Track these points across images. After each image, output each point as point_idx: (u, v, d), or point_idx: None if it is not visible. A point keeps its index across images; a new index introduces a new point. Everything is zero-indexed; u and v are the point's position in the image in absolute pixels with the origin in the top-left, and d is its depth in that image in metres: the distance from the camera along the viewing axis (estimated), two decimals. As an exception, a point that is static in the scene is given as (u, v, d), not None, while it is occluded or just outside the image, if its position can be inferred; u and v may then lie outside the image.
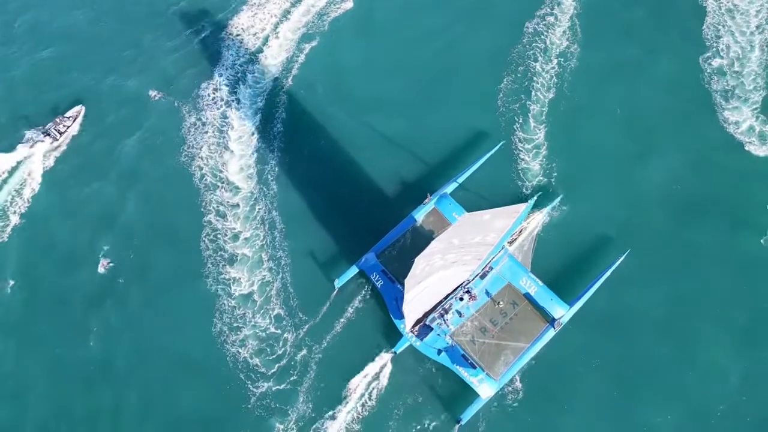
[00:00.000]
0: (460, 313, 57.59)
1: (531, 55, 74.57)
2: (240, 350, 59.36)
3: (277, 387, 57.59)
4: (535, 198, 55.49)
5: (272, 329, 60.31)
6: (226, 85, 76.21)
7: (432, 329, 56.71)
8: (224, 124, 73.32)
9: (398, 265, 58.84)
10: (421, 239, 59.61)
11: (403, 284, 52.03)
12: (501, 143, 67.94)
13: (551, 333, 56.34)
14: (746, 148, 67.01)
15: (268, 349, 59.30)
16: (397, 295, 57.15)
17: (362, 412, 56.10)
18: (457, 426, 54.44)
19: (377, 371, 56.95)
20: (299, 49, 79.04)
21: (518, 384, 56.18)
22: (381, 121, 71.54)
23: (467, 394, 55.06)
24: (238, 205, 67.73)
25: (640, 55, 74.25)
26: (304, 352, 58.97)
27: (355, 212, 65.97)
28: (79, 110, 75.02)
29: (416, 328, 57.07)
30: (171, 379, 58.98)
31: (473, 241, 52.58)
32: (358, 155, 69.76)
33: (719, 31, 74.44)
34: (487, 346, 56.37)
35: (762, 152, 66.65)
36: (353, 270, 60.93)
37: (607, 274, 58.58)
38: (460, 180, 64.77)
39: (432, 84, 74.07)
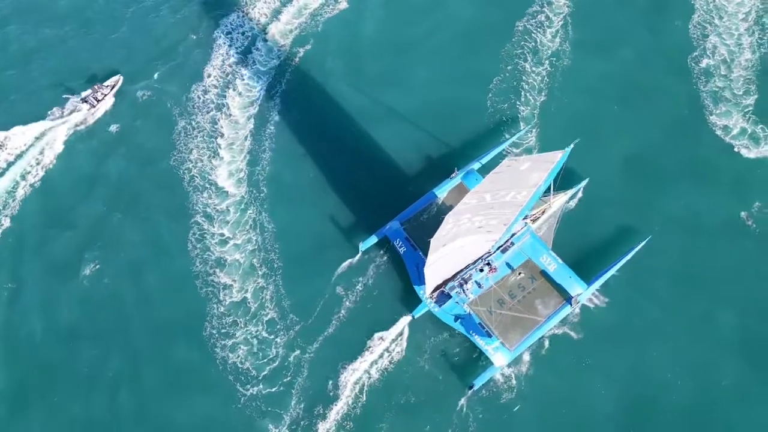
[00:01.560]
0: (479, 284, 59.27)
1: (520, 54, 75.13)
2: (230, 354, 59.20)
3: (269, 390, 57.63)
4: (572, 146, 54.50)
5: (265, 334, 60.19)
6: (215, 86, 75.53)
7: (450, 297, 58.36)
8: (214, 131, 72.74)
9: (421, 234, 60.19)
10: (444, 213, 59.79)
11: (424, 252, 54.15)
12: (529, 126, 68.66)
13: (568, 309, 57.64)
14: (736, 150, 67.29)
15: (260, 354, 59.20)
16: (419, 262, 58.93)
17: (382, 367, 57.64)
18: (469, 391, 55.97)
19: (396, 336, 58.57)
20: (292, 53, 78.49)
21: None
22: (375, 121, 71.72)
23: (480, 361, 57.03)
24: (228, 210, 67.34)
25: (631, 56, 74.43)
26: (297, 352, 59.17)
27: (348, 207, 66.25)
28: (117, 79, 76.03)
29: (435, 294, 58.52)
30: (161, 380, 58.77)
31: (505, 199, 53.20)
32: (349, 153, 69.87)
33: (706, 29, 74.70)
34: (504, 317, 57.81)
35: (753, 155, 66.98)
36: (378, 236, 62.51)
37: (628, 257, 59.97)
38: (484, 161, 65.66)
39: (430, 80, 74.54)
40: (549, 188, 59.10)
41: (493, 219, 55.45)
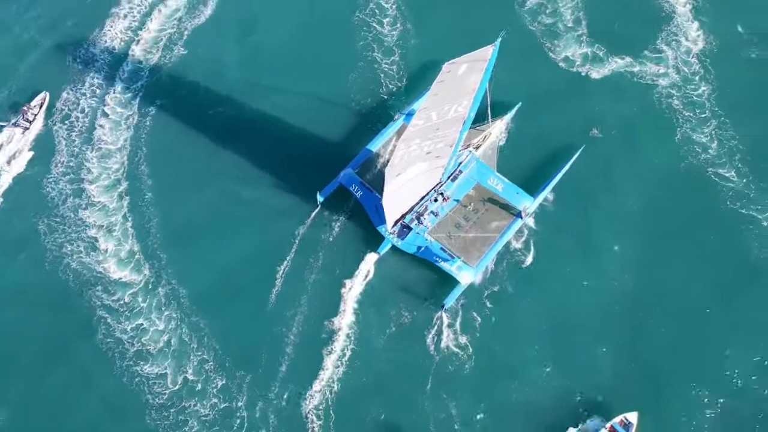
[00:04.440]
0: (435, 214, 64.36)
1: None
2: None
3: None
4: (500, 39, 53.88)
5: (223, 405, 57.66)
6: (64, 174, 69.51)
7: (411, 229, 63.37)
8: (80, 223, 66.91)
9: (374, 178, 65.00)
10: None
11: (380, 192, 58.32)
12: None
13: (519, 222, 64.26)
14: (584, 75, 72.40)
15: (223, 429, 56.93)
16: (377, 203, 62.89)
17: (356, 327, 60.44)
18: (441, 310, 60.69)
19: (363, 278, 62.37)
20: (142, 114, 73.63)
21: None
22: (247, 147, 70.52)
23: (449, 283, 61.79)
24: (137, 299, 62.88)
25: (465, 19, 76.88)
26: (260, 404, 57.72)
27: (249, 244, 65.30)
28: (43, 97, 72.78)
29: (396, 229, 63.13)
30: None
31: (448, 115, 55.90)
32: (238, 189, 68.24)
33: None
34: (463, 240, 63.45)
35: (599, 75, 72.46)
36: (333, 185, 65.52)
37: (566, 168, 66.41)
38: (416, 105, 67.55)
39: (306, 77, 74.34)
40: (488, 116, 64.87)
41: (440, 142, 59.20)
